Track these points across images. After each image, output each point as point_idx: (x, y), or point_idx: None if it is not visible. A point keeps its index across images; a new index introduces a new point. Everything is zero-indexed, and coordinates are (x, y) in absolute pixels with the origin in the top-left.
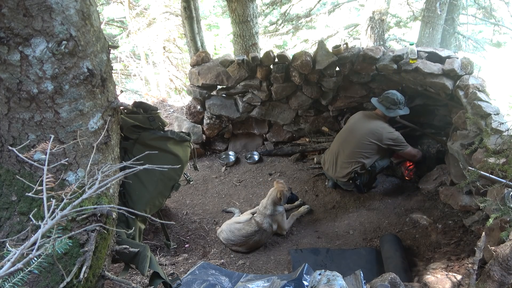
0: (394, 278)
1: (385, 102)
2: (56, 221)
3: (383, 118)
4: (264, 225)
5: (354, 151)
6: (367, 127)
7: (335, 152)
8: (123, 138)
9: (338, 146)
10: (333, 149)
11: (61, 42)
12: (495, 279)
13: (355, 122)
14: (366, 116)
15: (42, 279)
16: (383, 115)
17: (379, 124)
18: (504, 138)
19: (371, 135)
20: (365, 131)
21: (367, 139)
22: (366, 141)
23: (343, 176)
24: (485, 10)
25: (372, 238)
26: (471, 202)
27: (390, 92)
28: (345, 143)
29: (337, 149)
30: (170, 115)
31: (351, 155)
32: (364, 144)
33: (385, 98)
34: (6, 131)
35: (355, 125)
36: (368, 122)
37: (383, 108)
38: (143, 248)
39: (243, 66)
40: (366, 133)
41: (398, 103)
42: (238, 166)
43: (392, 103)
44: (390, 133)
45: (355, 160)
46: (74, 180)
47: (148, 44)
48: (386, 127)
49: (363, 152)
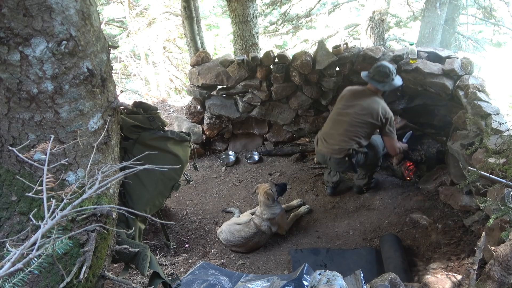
0: (394, 278)
1: (378, 76)
2: (56, 221)
3: (376, 93)
4: (263, 228)
5: (349, 129)
6: (362, 105)
7: (328, 131)
8: (123, 138)
9: (331, 125)
10: (326, 129)
11: (61, 42)
12: (495, 279)
13: (347, 99)
14: (358, 92)
15: (42, 279)
16: (376, 89)
17: (375, 100)
18: (504, 138)
19: (367, 113)
20: (360, 109)
21: (362, 118)
22: (361, 120)
23: (339, 152)
24: (485, 10)
25: (372, 238)
26: (471, 202)
27: (381, 65)
28: (338, 123)
29: (330, 129)
30: (170, 115)
31: (346, 134)
32: (359, 123)
33: (376, 72)
34: (6, 131)
35: (348, 103)
36: (362, 100)
37: (378, 84)
38: (143, 248)
39: (243, 66)
40: (361, 112)
41: (391, 74)
42: (238, 166)
43: (385, 76)
44: (387, 112)
45: (350, 139)
46: (74, 180)
47: (148, 44)
48: (382, 103)
49: (358, 131)
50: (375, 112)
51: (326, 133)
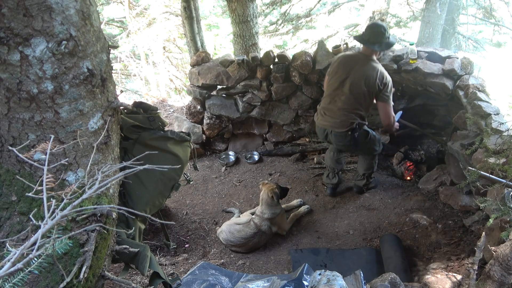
0: (394, 278)
1: (373, 37)
2: (56, 221)
3: (371, 56)
4: (263, 228)
5: (348, 103)
6: (357, 74)
7: (326, 106)
8: (123, 138)
9: (330, 101)
10: (324, 104)
11: (61, 42)
12: (495, 279)
13: (342, 70)
14: (351, 60)
15: (42, 279)
16: (371, 52)
17: (371, 66)
18: (504, 138)
19: (363, 83)
20: (356, 79)
21: (359, 89)
22: (359, 91)
23: (341, 126)
24: (485, 10)
25: (372, 238)
26: (471, 202)
27: (373, 24)
28: (336, 98)
29: (328, 104)
30: (170, 115)
31: (346, 109)
32: (357, 95)
33: (370, 33)
34: (6, 131)
35: (343, 75)
36: (356, 68)
37: (374, 45)
38: (143, 248)
39: (243, 66)
40: (357, 82)
41: (386, 32)
42: (238, 166)
43: (380, 35)
44: (384, 77)
45: (351, 112)
46: (74, 180)
47: (148, 44)
48: (379, 67)
49: (358, 103)
50: (372, 79)
51: (325, 108)
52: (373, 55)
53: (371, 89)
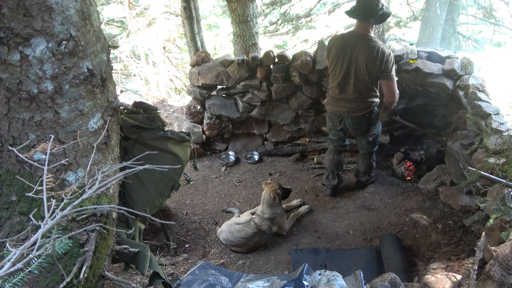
0: (394, 278)
1: (367, 10)
2: (56, 221)
3: (367, 32)
4: (263, 227)
5: (359, 89)
6: (359, 57)
7: (337, 96)
8: (123, 138)
9: (340, 90)
10: (334, 94)
11: (61, 42)
12: (495, 279)
13: (343, 55)
14: (348, 42)
15: (42, 279)
16: (366, 28)
17: (369, 45)
18: (504, 138)
19: (367, 66)
20: (360, 62)
21: (365, 73)
22: (365, 74)
23: (358, 110)
24: (485, 10)
25: (372, 238)
26: (471, 202)
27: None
28: (345, 87)
29: (339, 94)
30: (170, 115)
31: (359, 95)
32: (366, 78)
33: (364, 7)
34: (6, 131)
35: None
36: (356, 51)
37: (369, 19)
38: (143, 248)
39: (243, 66)
40: (361, 66)
41: (378, 1)
42: (238, 166)
43: (374, 7)
44: (385, 54)
45: (366, 96)
46: (74, 180)
47: (148, 44)
48: (378, 44)
49: (368, 85)
50: (374, 63)
51: (336, 97)
52: (369, 31)
53: (375, 73)
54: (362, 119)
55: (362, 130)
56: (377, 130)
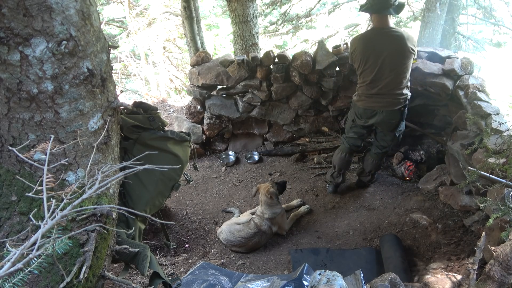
0: (394, 278)
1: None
2: (56, 221)
3: (386, 25)
4: (263, 227)
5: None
6: (392, 52)
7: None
8: (123, 138)
9: (373, 85)
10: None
11: (61, 42)
12: (495, 279)
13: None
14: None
15: (42, 279)
16: (385, 21)
17: (395, 38)
18: (504, 138)
19: (402, 56)
20: (395, 59)
21: (398, 66)
22: (401, 65)
23: (392, 104)
24: (485, 10)
25: (372, 238)
26: (471, 202)
27: None
28: (379, 81)
29: (372, 88)
30: (170, 115)
31: (394, 85)
32: (399, 71)
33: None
34: (6, 131)
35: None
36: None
37: (390, 10)
38: (143, 248)
39: (243, 66)
40: (393, 60)
41: None
42: (238, 166)
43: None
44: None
45: (401, 88)
46: (74, 180)
47: (148, 44)
48: (401, 33)
49: (400, 78)
50: (407, 51)
51: (370, 93)
52: (388, 23)
53: (409, 60)
54: (397, 113)
55: (394, 125)
56: (403, 127)
